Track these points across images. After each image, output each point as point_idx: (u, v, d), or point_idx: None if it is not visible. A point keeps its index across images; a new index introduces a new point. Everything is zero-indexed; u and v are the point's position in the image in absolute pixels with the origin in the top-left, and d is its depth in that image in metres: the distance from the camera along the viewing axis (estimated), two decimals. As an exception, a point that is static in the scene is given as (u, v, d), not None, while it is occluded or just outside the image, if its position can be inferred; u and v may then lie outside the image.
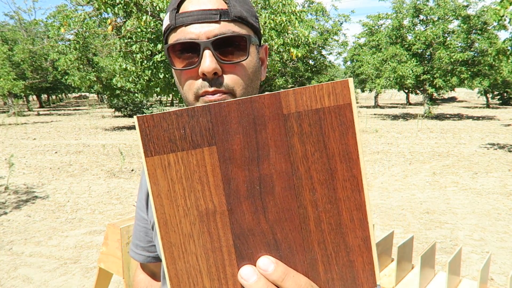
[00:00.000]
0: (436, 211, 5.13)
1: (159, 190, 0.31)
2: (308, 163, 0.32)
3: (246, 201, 0.32)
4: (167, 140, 0.31)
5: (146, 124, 0.31)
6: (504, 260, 3.68)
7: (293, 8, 7.25)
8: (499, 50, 8.61)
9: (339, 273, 0.33)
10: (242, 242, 0.32)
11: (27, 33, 26.59)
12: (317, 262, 0.33)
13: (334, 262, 0.33)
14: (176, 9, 0.65)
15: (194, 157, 0.31)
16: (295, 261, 0.33)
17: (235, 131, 0.31)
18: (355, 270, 0.33)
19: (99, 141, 12.17)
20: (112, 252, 2.09)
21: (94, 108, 32.17)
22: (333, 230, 0.33)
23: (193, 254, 0.32)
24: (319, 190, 0.32)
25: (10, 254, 3.95)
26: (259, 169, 0.32)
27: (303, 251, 0.33)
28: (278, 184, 0.32)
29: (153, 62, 6.79)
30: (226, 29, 0.63)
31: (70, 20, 8.07)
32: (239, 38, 0.64)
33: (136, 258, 0.91)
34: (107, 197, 5.92)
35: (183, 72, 0.66)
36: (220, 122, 0.31)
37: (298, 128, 0.32)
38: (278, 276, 0.31)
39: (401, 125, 16.33)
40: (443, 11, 19.19)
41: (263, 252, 0.33)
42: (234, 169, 0.32)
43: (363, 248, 0.33)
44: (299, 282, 0.32)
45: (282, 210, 0.32)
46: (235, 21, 0.65)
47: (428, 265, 1.88)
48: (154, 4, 5.66)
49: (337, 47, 23.88)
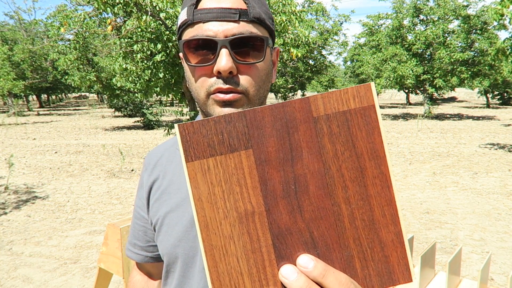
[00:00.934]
0: (436, 211, 5.13)
1: (199, 193, 0.33)
2: (339, 162, 0.33)
3: (283, 201, 0.33)
4: (206, 145, 0.33)
5: (186, 131, 0.33)
6: (504, 260, 3.68)
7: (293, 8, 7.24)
8: (499, 49, 8.60)
9: (376, 269, 0.34)
10: (281, 241, 0.33)
11: (27, 33, 26.59)
12: (354, 258, 0.34)
13: (370, 258, 0.34)
14: (194, 5, 0.65)
15: (232, 161, 0.33)
16: (333, 259, 0.34)
17: (269, 135, 0.33)
18: (390, 265, 0.34)
19: (99, 141, 12.17)
20: (112, 252, 2.09)
21: (94, 108, 32.17)
22: (366, 226, 0.34)
23: (233, 255, 0.33)
24: (351, 187, 0.33)
25: (10, 254, 3.95)
26: (294, 169, 0.33)
27: (340, 248, 0.34)
28: (312, 183, 0.33)
29: (153, 62, 6.78)
30: (245, 30, 0.63)
31: (70, 20, 8.07)
32: (256, 39, 0.64)
33: (133, 257, 0.89)
34: (107, 197, 5.92)
35: (197, 69, 0.66)
36: (255, 126, 0.33)
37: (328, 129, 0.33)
38: (319, 273, 0.32)
39: (401, 125, 16.33)
40: (443, 11, 19.19)
41: (301, 251, 0.34)
42: (270, 170, 0.33)
43: (396, 243, 0.34)
44: (339, 278, 0.32)
45: (317, 209, 0.34)
46: (253, 22, 0.65)
47: (428, 265, 1.87)
48: (154, 4, 5.66)
49: (337, 47, 23.88)
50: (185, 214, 0.74)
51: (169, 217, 0.76)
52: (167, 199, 0.78)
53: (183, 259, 0.75)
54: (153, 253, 0.87)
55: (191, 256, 0.74)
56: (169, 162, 0.82)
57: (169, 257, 0.76)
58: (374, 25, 23.27)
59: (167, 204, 0.78)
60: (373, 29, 23.40)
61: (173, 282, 0.78)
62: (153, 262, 0.88)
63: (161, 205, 0.79)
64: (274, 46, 0.74)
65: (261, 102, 0.70)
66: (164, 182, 0.80)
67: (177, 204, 0.76)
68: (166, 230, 0.76)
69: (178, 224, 0.74)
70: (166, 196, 0.79)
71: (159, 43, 6.38)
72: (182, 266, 0.75)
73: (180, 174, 0.79)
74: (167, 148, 0.85)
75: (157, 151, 0.87)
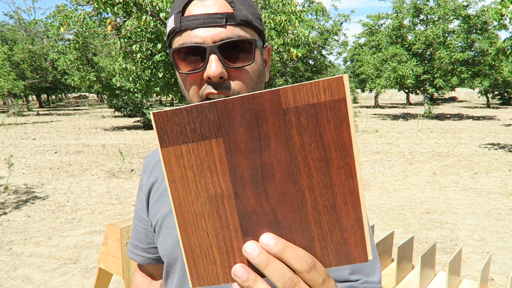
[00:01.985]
0: (436, 211, 5.13)
1: (173, 176, 0.36)
2: (305, 152, 0.35)
3: (250, 186, 0.36)
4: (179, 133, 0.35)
5: (160, 119, 0.35)
6: (505, 260, 3.68)
7: (293, 8, 7.24)
8: (499, 49, 8.60)
9: (334, 249, 0.37)
10: (247, 221, 0.37)
11: (26, 33, 26.59)
12: (314, 239, 0.37)
13: (329, 240, 0.37)
14: (181, 12, 0.65)
15: (203, 148, 0.35)
16: (294, 238, 0.37)
17: (239, 124, 0.35)
18: (348, 247, 0.37)
19: (99, 141, 12.17)
20: (112, 252, 2.09)
21: (94, 108, 32.17)
22: (328, 211, 0.36)
23: (204, 231, 0.37)
24: (316, 176, 0.36)
25: (9, 254, 3.95)
26: (261, 158, 0.35)
27: (301, 229, 0.37)
28: (278, 171, 0.36)
29: (153, 62, 6.78)
30: (232, 33, 0.63)
31: (70, 20, 8.06)
32: (245, 43, 0.64)
33: (135, 259, 0.89)
34: (107, 197, 5.92)
35: (188, 76, 0.66)
36: (225, 116, 0.35)
37: (296, 121, 0.35)
38: (278, 249, 0.35)
39: (401, 125, 16.33)
40: (443, 11, 19.19)
41: (265, 230, 0.37)
42: (239, 158, 0.36)
43: (355, 228, 0.36)
44: (298, 253, 0.35)
45: (282, 194, 0.36)
46: (240, 25, 0.65)
47: (428, 265, 1.87)
48: (153, 4, 5.66)
49: (337, 47, 23.87)
50: None
51: (168, 219, 0.77)
52: (166, 200, 0.79)
53: (182, 260, 0.75)
54: (154, 254, 0.87)
55: None
56: None
57: (168, 258, 0.77)
58: (374, 25, 23.28)
59: (166, 206, 0.78)
60: (373, 29, 23.40)
61: (173, 283, 0.78)
62: (155, 263, 0.89)
63: (160, 207, 0.79)
64: (265, 45, 0.74)
65: None
66: (163, 183, 0.81)
67: None
68: (165, 232, 0.77)
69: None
70: (165, 198, 0.79)
71: (159, 43, 6.37)
72: (182, 267, 0.75)
73: None
74: None
75: (156, 153, 0.87)
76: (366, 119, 19.47)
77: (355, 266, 0.70)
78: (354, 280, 0.69)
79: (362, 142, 11.39)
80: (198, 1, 0.64)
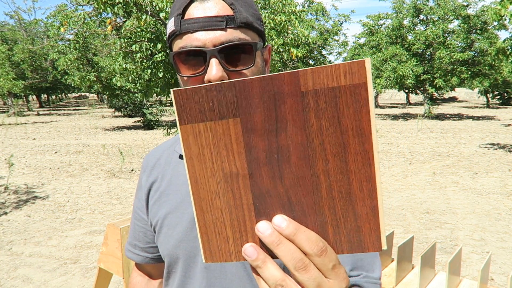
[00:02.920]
0: (436, 211, 5.13)
1: (191, 153, 0.36)
2: (322, 137, 0.35)
3: (265, 167, 0.36)
4: (197, 111, 0.35)
5: (180, 96, 0.35)
6: (505, 260, 3.68)
7: (293, 8, 7.24)
8: (499, 49, 8.60)
9: (347, 236, 0.37)
10: (261, 202, 0.37)
11: (26, 33, 26.58)
12: (327, 224, 0.37)
13: (343, 226, 0.36)
14: (181, 15, 0.65)
15: (220, 127, 0.36)
16: (307, 222, 0.37)
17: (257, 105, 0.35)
18: (362, 234, 0.36)
19: (99, 141, 12.17)
20: (112, 252, 2.09)
21: (94, 108, 32.17)
22: (343, 197, 0.36)
23: (218, 208, 0.37)
24: (332, 161, 0.35)
25: (10, 254, 3.95)
26: (278, 140, 0.35)
27: (315, 214, 0.36)
28: (294, 154, 0.35)
29: (153, 62, 6.79)
30: (232, 36, 0.63)
31: (70, 20, 8.06)
32: (245, 46, 0.64)
33: (133, 258, 0.89)
34: (107, 197, 5.92)
35: (189, 79, 0.66)
36: (244, 97, 0.35)
37: (315, 105, 0.34)
38: (290, 231, 0.35)
39: (401, 125, 16.33)
40: (443, 11, 19.19)
41: (279, 212, 0.37)
42: (255, 138, 0.36)
43: (370, 216, 0.36)
44: (309, 236, 0.35)
45: (297, 177, 0.36)
46: (241, 27, 0.64)
47: (428, 265, 1.87)
48: (154, 4, 5.66)
49: (337, 47, 23.87)
50: (185, 215, 0.75)
51: (169, 218, 0.77)
52: (166, 200, 0.78)
53: (184, 259, 0.75)
54: (153, 254, 0.87)
55: (192, 256, 0.74)
56: (168, 164, 0.82)
57: (170, 258, 0.77)
58: (374, 25, 23.27)
59: (167, 205, 0.78)
60: (373, 29, 23.39)
61: (175, 282, 0.78)
62: (154, 263, 0.88)
63: (161, 206, 0.79)
64: (265, 45, 0.73)
65: None
66: (163, 183, 0.80)
67: (176, 205, 0.76)
68: (166, 232, 0.77)
69: (178, 225, 0.75)
70: (165, 198, 0.79)
71: (159, 43, 6.38)
72: (184, 266, 0.75)
73: (179, 176, 0.79)
74: (166, 150, 0.85)
75: (156, 153, 0.87)
76: (366, 119, 19.43)
77: (355, 262, 0.70)
78: (355, 276, 0.70)
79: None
80: (198, 4, 0.64)
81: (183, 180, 0.78)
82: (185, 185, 0.77)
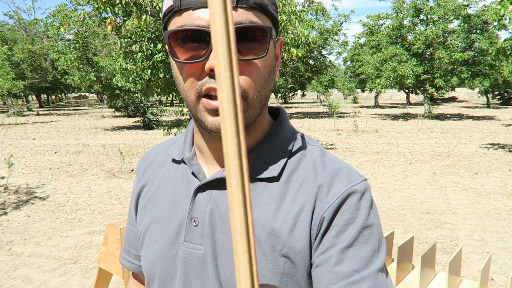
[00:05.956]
0: (436, 211, 5.12)
1: None
2: None
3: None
4: None
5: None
6: (505, 260, 3.68)
7: (293, 8, 7.24)
8: (499, 49, 8.60)
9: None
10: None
11: (26, 33, 26.58)
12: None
13: None
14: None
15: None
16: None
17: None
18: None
19: (99, 141, 12.17)
20: (112, 252, 2.08)
21: (94, 108, 32.16)
22: None
23: None
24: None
25: (9, 254, 3.95)
26: None
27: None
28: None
29: (153, 62, 6.78)
30: (243, 18, 0.53)
31: (70, 20, 8.06)
32: (258, 30, 0.54)
33: (127, 266, 0.82)
34: (107, 197, 5.91)
35: (185, 66, 0.55)
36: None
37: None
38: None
39: (401, 125, 16.33)
40: (443, 10, 19.19)
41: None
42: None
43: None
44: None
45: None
46: (253, 8, 0.54)
47: (428, 266, 1.87)
48: (154, 4, 5.65)
49: (337, 47, 23.89)
50: (166, 229, 0.67)
51: (151, 229, 0.70)
52: (151, 208, 0.72)
53: (160, 280, 0.68)
54: None
55: (170, 279, 0.67)
56: (160, 167, 0.75)
57: (148, 275, 0.70)
58: (374, 25, 23.27)
59: (151, 214, 0.71)
60: (373, 29, 23.39)
61: None
62: None
63: (146, 214, 0.72)
64: (277, 37, 0.63)
65: (262, 106, 0.60)
66: (151, 188, 0.74)
67: (160, 215, 0.69)
68: (147, 245, 0.70)
69: (159, 239, 0.68)
70: (151, 205, 0.72)
71: (159, 43, 6.37)
72: (159, 287, 0.68)
73: (167, 182, 0.71)
74: (161, 151, 0.78)
75: (151, 154, 0.80)
76: (366, 119, 19.47)
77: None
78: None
79: (362, 142, 11.38)
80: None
81: (171, 187, 0.69)
82: (172, 193, 0.69)
